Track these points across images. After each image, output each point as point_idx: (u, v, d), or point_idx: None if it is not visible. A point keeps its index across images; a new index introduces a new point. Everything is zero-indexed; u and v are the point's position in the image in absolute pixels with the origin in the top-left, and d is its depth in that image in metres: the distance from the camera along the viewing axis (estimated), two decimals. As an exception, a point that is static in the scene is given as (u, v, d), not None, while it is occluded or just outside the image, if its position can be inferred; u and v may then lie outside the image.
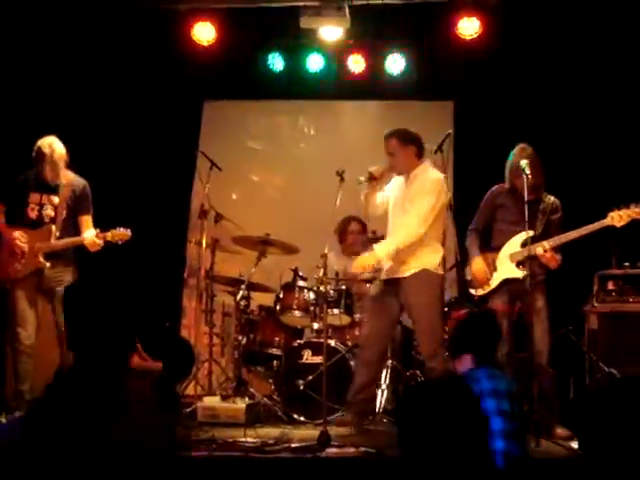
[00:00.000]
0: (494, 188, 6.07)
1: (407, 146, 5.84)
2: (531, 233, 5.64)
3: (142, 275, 8.00)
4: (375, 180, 5.88)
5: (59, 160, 6.07)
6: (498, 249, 5.91)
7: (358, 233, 7.51)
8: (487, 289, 5.90)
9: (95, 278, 7.45)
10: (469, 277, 6.07)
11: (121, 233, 5.99)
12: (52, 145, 6.05)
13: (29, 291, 6.00)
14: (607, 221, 5.52)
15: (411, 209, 5.72)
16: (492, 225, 6.04)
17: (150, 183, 8.23)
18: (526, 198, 5.45)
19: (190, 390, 7.18)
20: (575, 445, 4.85)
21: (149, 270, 8.05)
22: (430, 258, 5.72)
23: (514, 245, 5.83)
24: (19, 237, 5.97)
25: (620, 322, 6.30)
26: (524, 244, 5.75)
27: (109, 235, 5.98)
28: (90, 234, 6.02)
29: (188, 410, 6.28)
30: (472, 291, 6.03)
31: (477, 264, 5.95)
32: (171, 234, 8.39)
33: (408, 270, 5.69)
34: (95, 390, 2.48)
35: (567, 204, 6.00)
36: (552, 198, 5.88)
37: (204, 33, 7.94)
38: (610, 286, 6.52)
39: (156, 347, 7.35)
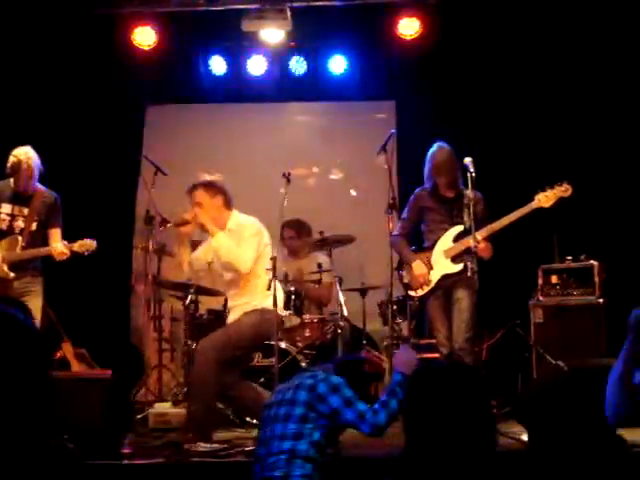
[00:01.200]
0: (416, 192, 6.12)
1: (215, 196, 5.67)
2: (461, 228, 5.77)
3: (88, 283, 7.91)
4: (186, 225, 5.67)
5: (34, 170, 6.01)
6: (431, 248, 5.98)
7: (291, 239, 7.61)
8: (426, 289, 5.97)
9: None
10: (406, 280, 6.12)
11: (87, 244, 5.97)
12: (28, 154, 5.98)
13: None
14: (535, 203, 5.62)
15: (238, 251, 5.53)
16: (420, 228, 6.11)
17: (94, 190, 8.13)
18: (471, 196, 5.53)
19: (141, 397, 7.14)
20: (525, 438, 4.92)
21: (95, 278, 7.96)
22: (267, 297, 5.51)
23: (447, 241, 5.91)
24: None
25: (565, 315, 6.43)
26: (456, 239, 5.84)
27: (76, 246, 5.95)
28: (58, 245, 5.96)
29: (139, 417, 6.24)
30: (412, 293, 6.09)
31: (418, 268, 5.97)
32: (116, 241, 8.28)
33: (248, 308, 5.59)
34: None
35: (507, 195, 6.11)
36: (467, 192, 5.82)
37: (145, 37, 7.88)
38: (554, 280, 6.65)
39: (104, 355, 7.31)
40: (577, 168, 7.06)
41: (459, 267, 5.79)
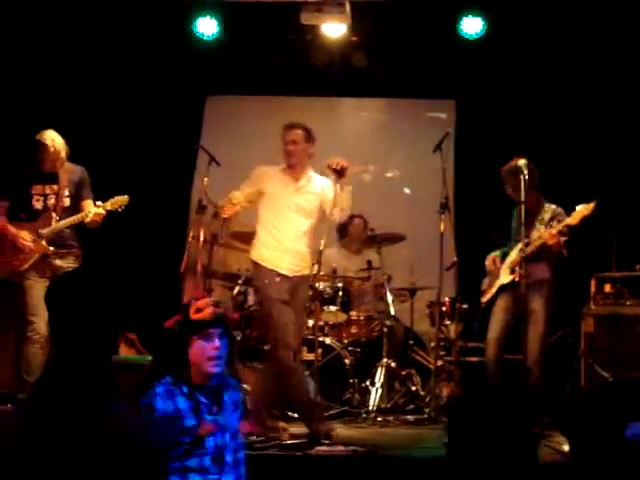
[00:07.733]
0: None
1: (309, 143, 5.86)
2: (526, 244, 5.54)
3: (141, 269, 7.98)
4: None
5: (60, 151, 6.10)
6: (505, 257, 5.95)
7: (361, 230, 7.51)
8: (488, 297, 5.93)
9: (94, 270, 7.44)
10: (483, 287, 6.07)
11: (120, 199, 6.02)
12: (52, 136, 6.09)
13: (41, 283, 5.92)
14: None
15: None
16: None
17: (152, 178, 8.22)
18: (522, 198, 5.40)
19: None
20: (566, 449, 4.80)
21: (149, 264, 8.04)
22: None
23: (513, 254, 5.83)
24: (22, 236, 5.97)
25: (616, 325, 6.27)
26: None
27: (108, 204, 5.99)
28: (92, 208, 6.02)
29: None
30: (482, 299, 6.04)
31: (490, 255, 6.04)
32: (172, 229, 8.36)
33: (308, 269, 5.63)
34: (73, 386, 2.38)
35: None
36: (552, 207, 5.82)
37: (207, 27, 7.89)
38: (607, 288, 6.49)
39: (151, 342, 7.37)
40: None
41: (508, 278, 5.76)
